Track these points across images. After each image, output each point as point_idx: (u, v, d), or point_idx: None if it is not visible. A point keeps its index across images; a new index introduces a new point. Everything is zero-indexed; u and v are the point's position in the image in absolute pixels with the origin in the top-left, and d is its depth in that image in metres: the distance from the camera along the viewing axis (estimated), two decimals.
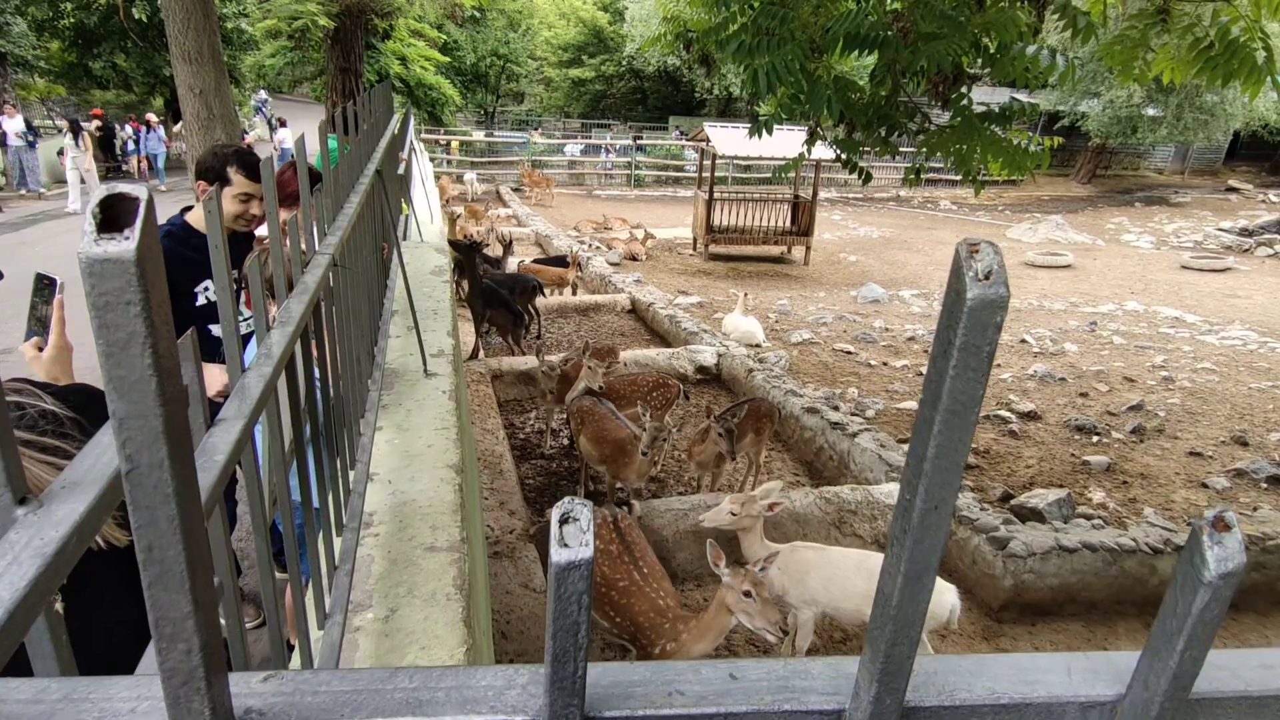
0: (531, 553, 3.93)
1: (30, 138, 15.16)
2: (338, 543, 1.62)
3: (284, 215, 3.09)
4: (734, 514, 3.43)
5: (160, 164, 17.88)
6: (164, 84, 20.19)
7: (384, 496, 2.01)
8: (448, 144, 23.79)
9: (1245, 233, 17.08)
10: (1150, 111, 22.28)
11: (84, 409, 1.31)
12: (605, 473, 4.48)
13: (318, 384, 1.47)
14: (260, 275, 0.98)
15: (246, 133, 20.13)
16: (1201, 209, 21.58)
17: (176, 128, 17.49)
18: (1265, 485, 5.16)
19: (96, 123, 17.78)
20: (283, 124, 21.75)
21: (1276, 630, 3.95)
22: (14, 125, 14.73)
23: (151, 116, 18.15)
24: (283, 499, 1.12)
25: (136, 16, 17.04)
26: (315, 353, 1.41)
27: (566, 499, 0.29)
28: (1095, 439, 5.91)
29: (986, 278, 0.25)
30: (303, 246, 1.36)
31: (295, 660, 1.29)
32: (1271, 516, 4.38)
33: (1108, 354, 8.43)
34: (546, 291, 9.70)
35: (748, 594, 2.59)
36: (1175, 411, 6.55)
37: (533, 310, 8.33)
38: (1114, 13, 5.06)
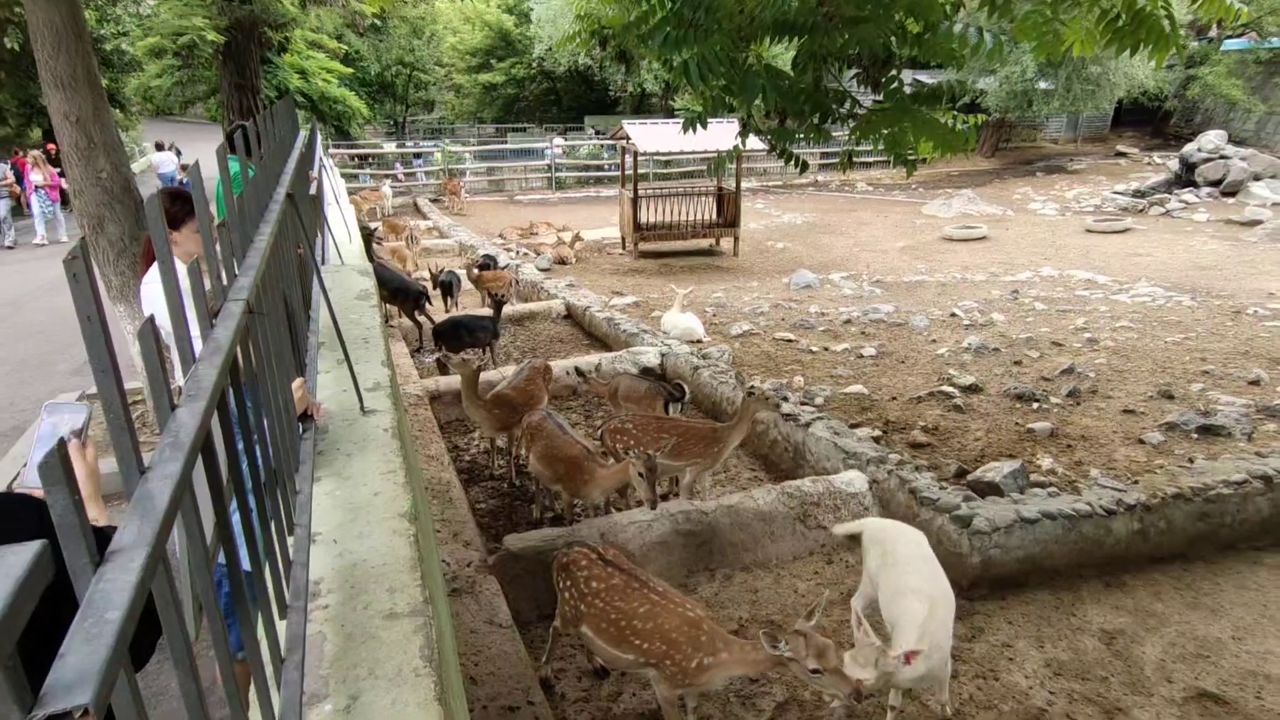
0: (493, 585, 3.71)
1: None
2: (282, 628, 1.40)
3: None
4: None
5: None
6: (41, 114, 18.72)
7: (330, 559, 1.78)
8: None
9: (1138, 194, 18.08)
10: (1042, 85, 23.36)
11: None
12: (561, 491, 4.29)
13: (242, 455, 1.25)
14: (157, 347, 0.78)
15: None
16: (1096, 174, 22.77)
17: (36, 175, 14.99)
18: (1196, 436, 5.38)
19: None
20: (160, 147, 20.36)
21: (1226, 577, 4.09)
22: None
23: None
24: (209, 606, 0.92)
25: (9, 45, 15.64)
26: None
27: None
28: (1035, 405, 6.06)
29: None
30: (207, 288, 1.15)
31: None
32: (1208, 467, 4.55)
33: (1033, 320, 8.72)
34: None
35: (815, 671, 2.43)
36: (1104, 371, 6.80)
37: (420, 321, 8.06)
38: None
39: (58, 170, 15.79)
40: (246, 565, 1.20)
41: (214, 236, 1.27)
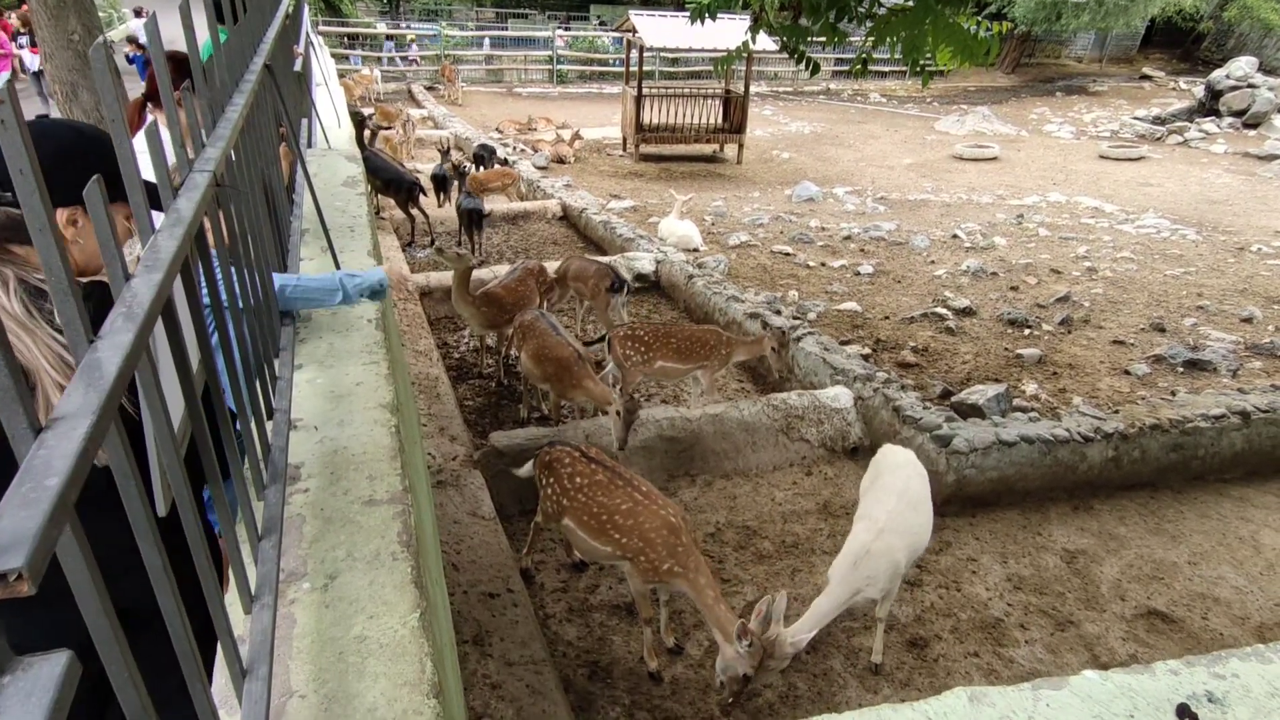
0: (478, 479, 3.79)
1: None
2: (259, 508, 1.41)
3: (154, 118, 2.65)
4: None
5: None
6: None
7: (311, 446, 1.78)
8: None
9: (1158, 121, 17.52)
10: None
11: None
12: (550, 390, 4.31)
13: (213, 331, 1.22)
14: (107, 212, 0.73)
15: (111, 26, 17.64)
16: (1117, 97, 21.99)
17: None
18: (1182, 369, 5.42)
19: None
20: (139, 14, 19.23)
21: (1191, 506, 4.21)
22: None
23: None
24: (177, 486, 0.91)
25: None
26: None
27: None
28: (1027, 332, 6.07)
29: None
30: (171, 161, 1.08)
31: (220, 659, 1.11)
32: (1189, 400, 4.61)
33: (1034, 246, 8.61)
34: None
35: (746, 677, 2.52)
36: (1099, 301, 6.77)
37: (413, 214, 7.87)
38: None
39: (24, 34, 14.73)
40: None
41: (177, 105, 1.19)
